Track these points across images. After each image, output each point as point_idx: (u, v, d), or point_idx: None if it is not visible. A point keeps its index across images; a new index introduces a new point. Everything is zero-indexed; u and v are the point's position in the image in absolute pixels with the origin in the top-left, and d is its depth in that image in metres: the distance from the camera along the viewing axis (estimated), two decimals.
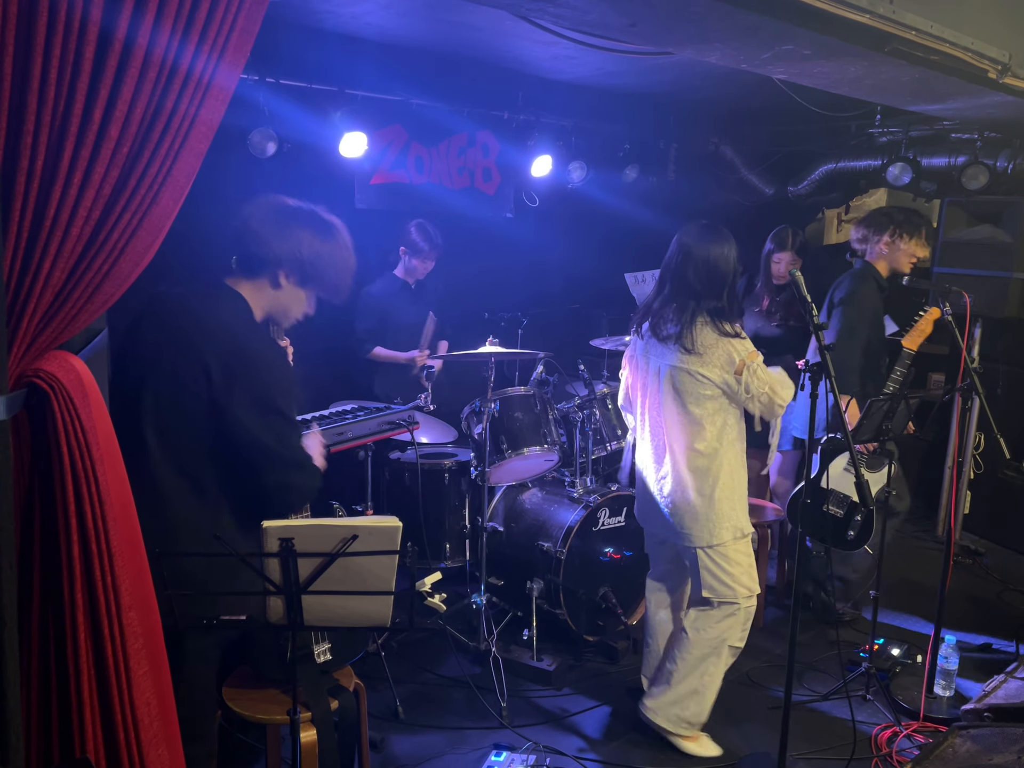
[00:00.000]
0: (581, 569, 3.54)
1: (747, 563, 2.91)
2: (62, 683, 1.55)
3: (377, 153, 4.24)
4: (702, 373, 2.74)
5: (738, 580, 2.88)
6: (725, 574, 2.86)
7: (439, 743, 3.02)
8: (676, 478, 2.86)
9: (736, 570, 2.87)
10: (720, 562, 2.86)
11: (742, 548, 2.89)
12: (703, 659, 2.92)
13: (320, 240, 2.06)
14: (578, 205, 5.30)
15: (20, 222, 1.37)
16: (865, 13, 2.57)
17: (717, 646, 2.92)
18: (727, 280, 2.77)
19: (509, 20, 3.33)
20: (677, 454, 2.85)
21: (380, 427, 3.16)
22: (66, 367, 1.53)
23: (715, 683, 2.97)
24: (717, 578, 2.86)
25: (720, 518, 2.82)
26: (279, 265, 2.04)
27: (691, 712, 2.95)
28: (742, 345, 2.75)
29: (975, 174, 4.53)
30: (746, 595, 2.90)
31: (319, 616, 1.97)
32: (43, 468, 1.53)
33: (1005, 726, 2.80)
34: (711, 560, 2.86)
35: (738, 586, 2.88)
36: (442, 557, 3.95)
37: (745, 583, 2.89)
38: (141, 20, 1.40)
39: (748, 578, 2.90)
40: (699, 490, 2.82)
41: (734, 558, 2.87)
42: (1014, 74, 3.17)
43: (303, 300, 2.15)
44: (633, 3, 2.43)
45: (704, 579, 2.88)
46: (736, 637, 2.95)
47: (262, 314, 2.13)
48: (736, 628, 2.93)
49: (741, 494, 2.89)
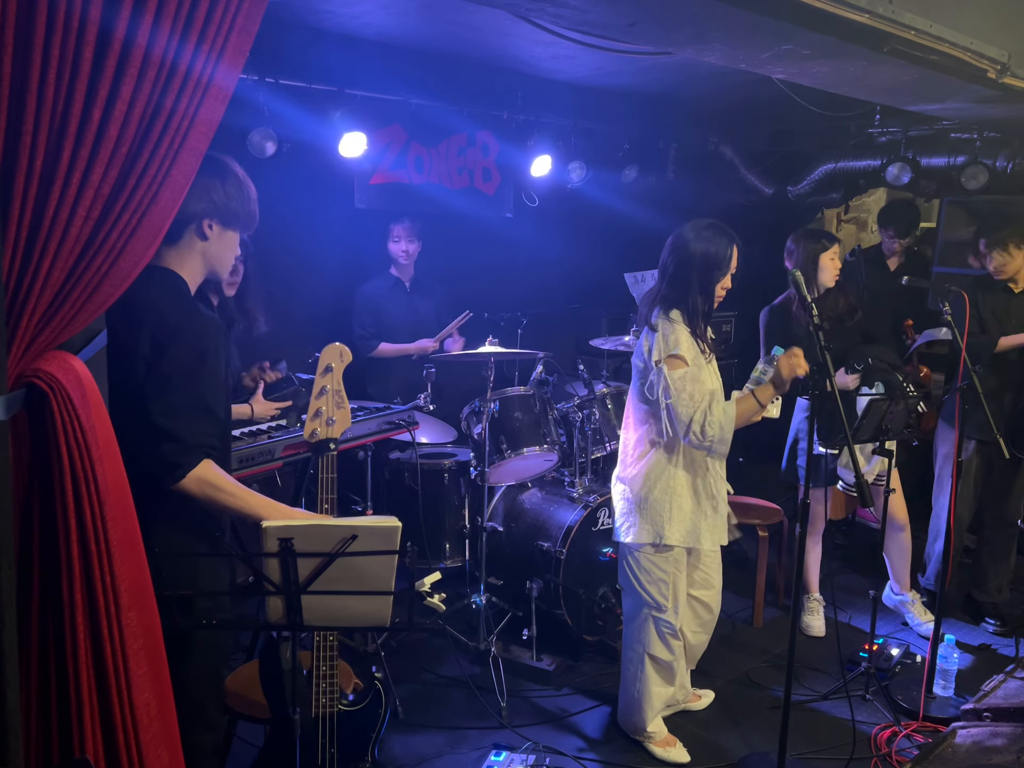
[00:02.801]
0: (581, 569, 3.53)
1: (657, 576, 2.84)
2: (61, 684, 1.55)
3: (377, 153, 4.24)
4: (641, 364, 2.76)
5: (645, 588, 2.87)
6: (634, 578, 2.88)
7: (439, 743, 3.02)
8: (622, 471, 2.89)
9: (644, 578, 2.86)
10: (632, 564, 2.88)
11: (658, 561, 2.83)
12: (632, 664, 2.96)
13: (222, 180, 2.07)
14: (577, 205, 5.30)
15: (19, 221, 1.37)
16: (864, 13, 2.57)
17: (641, 653, 2.93)
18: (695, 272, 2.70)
19: (509, 20, 3.33)
20: (627, 449, 2.89)
21: (380, 427, 3.16)
22: (65, 367, 1.53)
23: (648, 692, 2.94)
24: (629, 576, 2.90)
25: (643, 520, 2.80)
26: (200, 217, 2.03)
27: (635, 719, 2.98)
28: (664, 343, 2.66)
29: (974, 174, 4.54)
30: (651, 605, 2.88)
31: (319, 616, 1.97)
32: (42, 469, 1.53)
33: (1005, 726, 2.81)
34: (631, 557, 2.88)
35: (644, 594, 2.87)
36: (442, 557, 3.95)
37: (653, 594, 2.86)
38: (140, 20, 1.40)
39: (657, 592, 2.85)
40: (633, 487, 2.83)
41: (645, 566, 2.85)
42: (1013, 74, 3.17)
43: (231, 242, 2.15)
44: (632, 3, 2.43)
45: (622, 569, 2.94)
46: (656, 648, 2.91)
47: (200, 276, 2.10)
48: (653, 638, 2.90)
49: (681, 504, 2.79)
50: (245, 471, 2.65)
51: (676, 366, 2.65)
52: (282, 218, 4.13)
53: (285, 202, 4.12)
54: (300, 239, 4.27)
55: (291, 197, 4.16)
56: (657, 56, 3.87)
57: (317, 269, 4.42)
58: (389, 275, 4.37)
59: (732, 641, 3.81)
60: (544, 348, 3.90)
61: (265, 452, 2.71)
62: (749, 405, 2.69)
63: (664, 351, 2.66)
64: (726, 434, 2.62)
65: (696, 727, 3.14)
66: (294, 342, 4.26)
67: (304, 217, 4.25)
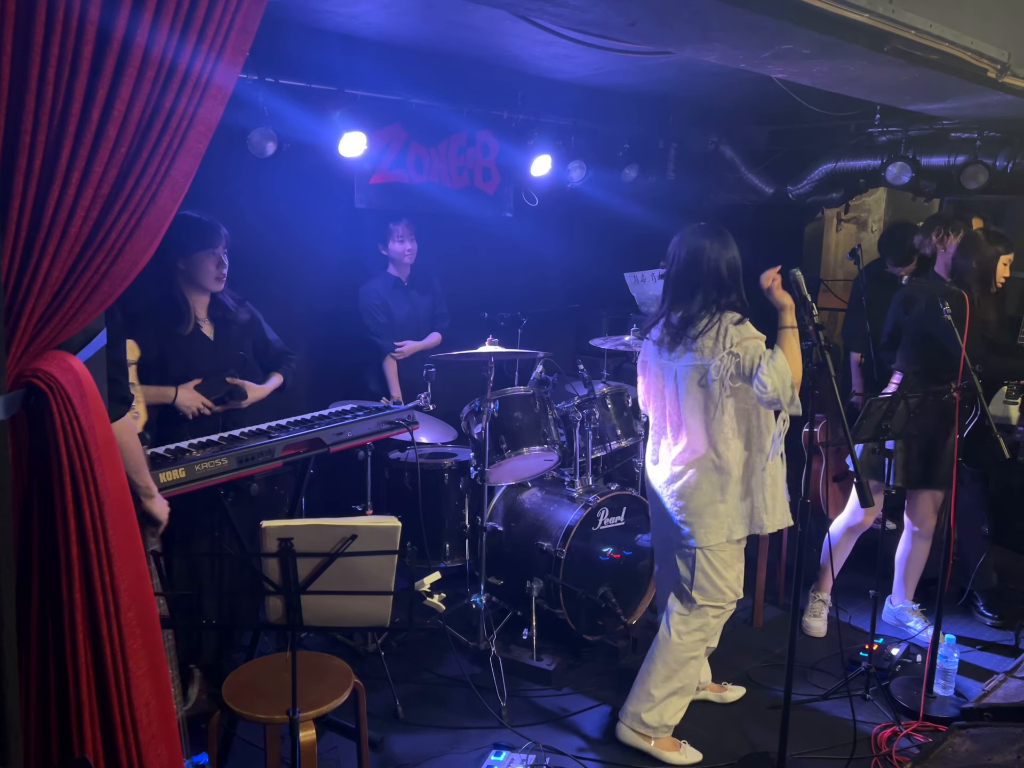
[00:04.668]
0: (581, 569, 3.53)
1: (739, 568, 2.94)
2: (61, 683, 1.55)
3: (376, 153, 4.24)
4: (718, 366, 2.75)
5: (730, 584, 2.91)
6: (719, 577, 2.88)
7: (439, 743, 3.02)
8: (689, 478, 2.85)
9: (730, 574, 2.90)
10: (716, 564, 2.87)
11: (737, 552, 2.92)
12: (684, 662, 2.95)
13: None
14: (578, 205, 5.30)
15: (18, 221, 1.37)
16: (864, 12, 2.57)
17: (699, 648, 2.96)
18: (737, 276, 2.80)
19: (508, 20, 3.32)
20: (696, 453, 2.84)
21: (380, 427, 3.16)
22: (64, 367, 1.53)
23: (693, 684, 3.02)
24: (711, 580, 2.88)
25: (721, 521, 2.83)
26: None
27: (669, 714, 2.96)
28: (746, 329, 2.72)
29: (974, 173, 4.53)
30: (732, 599, 2.94)
31: (318, 616, 1.97)
32: (41, 469, 1.53)
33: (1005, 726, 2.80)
34: (707, 562, 2.87)
35: (728, 590, 2.91)
36: (442, 557, 3.94)
37: (735, 588, 2.94)
38: (139, 19, 1.40)
39: (737, 583, 2.95)
40: (710, 491, 2.83)
41: (729, 561, 2.89)
42: (1013, 73, 3.17)
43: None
44: (632, 2, 2.43)
45: (698, 580, 2.89)
46: (715, 639, 3.02)
47: None
48: (718, 631, 3.00)
49: (749, 499, 2.87)
50: (245, 471, 2.65)
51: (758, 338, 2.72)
52: (282, 218, 4.14)
53: (285, 202, 4.13)
54: (300, 239, 4.27)
55: (291, 197, 4.16)
56: (657, 56, 3.87)
57: (317, 269, 4.42)
58: (388, 275, 4.36)
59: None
60: (544, 348, 3.90)
61: (265, 452, 2.71)
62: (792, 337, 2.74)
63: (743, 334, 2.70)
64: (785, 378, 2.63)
65: (696, 727, 3.14)
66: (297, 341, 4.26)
67: (304, 217, 4.25)
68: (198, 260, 2.90)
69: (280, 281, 4.18)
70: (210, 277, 2.94)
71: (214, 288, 2.99)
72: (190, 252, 2.88)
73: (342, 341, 4.41)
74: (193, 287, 2.96)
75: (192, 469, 2.49)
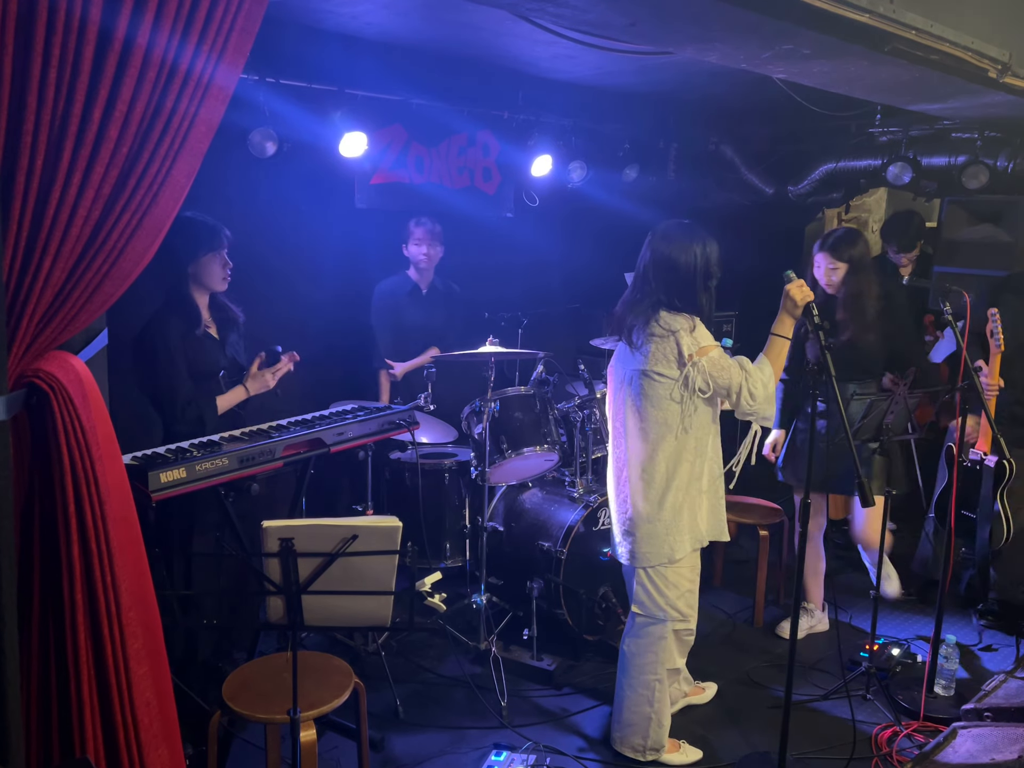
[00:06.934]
0: (581, 569, 3.53)
1: (686, 587, 2.80)
2: (62, 683, 1.55)
3: (377, 153, 4.24)
4: (659, 372, 2.63)
5: (672, 603, 2.79)
6: (659, 594, 2.77)
7: (439, 743, 3.02)
8: (626, 491, 2.77)
9: (671, 592, 2.78)
10: (657, 581, 2.77)
11: (684, 572, 2.78)
12: (648, 685, 2.85)
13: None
14: (578, 205, 5.29)
15: (20, 221, 1.37)
16: (865, 12, 2.57)
17: (658, 674, 2.84)
18: (688, 276, 2.64)
19: (509, 20, 3.32)
20: (632, 465, 2.74)
21: (380, 427, 3.16)
22: (66, 367, 1.53)
23: (663, 708, 2.88)
24: (650, 596, 2.78)
25: (659, 538, 2.70)
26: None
27: (652, 739, 2.89)
28: (691, 339, 2.62)
29: (975, 173, 4.53)
30: (677, 618, 2.81)
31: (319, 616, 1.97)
32: (43, 468, 1.53)
33: (1005, 726, 2.81)
34: (648, 578, 2.78)
35: (670, 608, 2.79)
36: (442, 557, 3.94)
37: (679, 607, 2.80)
38: (140, 20, 1.40)
39: (684, 603, 2.81)
40: (644, 506, 2.71)
41: (672, 580, 2.77)
42: (1014, 73, 3.17)
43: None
44: (633, 2, 2.43)
45: (637, 594, 2.81)
46: (671, 660, 2.88)
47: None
48: (671, 651, 2.87)
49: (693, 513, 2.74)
50: (245, 471, 2.65)
51: (707, 351, 2.62)
52: (282, 218, 4.14)
53: (285, 202, 4.13)
54: (300, 239, 4.27)
55: (291, 197, 4.16)
56: (657, 56, 3.87)
57: (317, 269, 4.42)
58: (407, 277, 4.27)
59: (733, 641, 3.81)
60: (545, 348, 3.89)
61: (265, 452, 2.71)
62: (776, 346, 2.70)
63: (693, 345, 2.61)
64: (770, 391, 2.63)
65: (696, 726, 3.14)
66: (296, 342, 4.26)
67: (304, 217, 4.25)
68: (206, 263, 2.92)
69: (280, 281, 4.18)
70: (217, 278, 2.96)
71: (220, 288, 3.01)
72: (199, 256, 2.90)
73: (343, 340, 4.41)
74: (199, 289, 2.98)
75: (193, 469, 2.50)
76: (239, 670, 2.43)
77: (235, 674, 2.40)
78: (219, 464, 2.57)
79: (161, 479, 2.39)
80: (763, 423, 2.80)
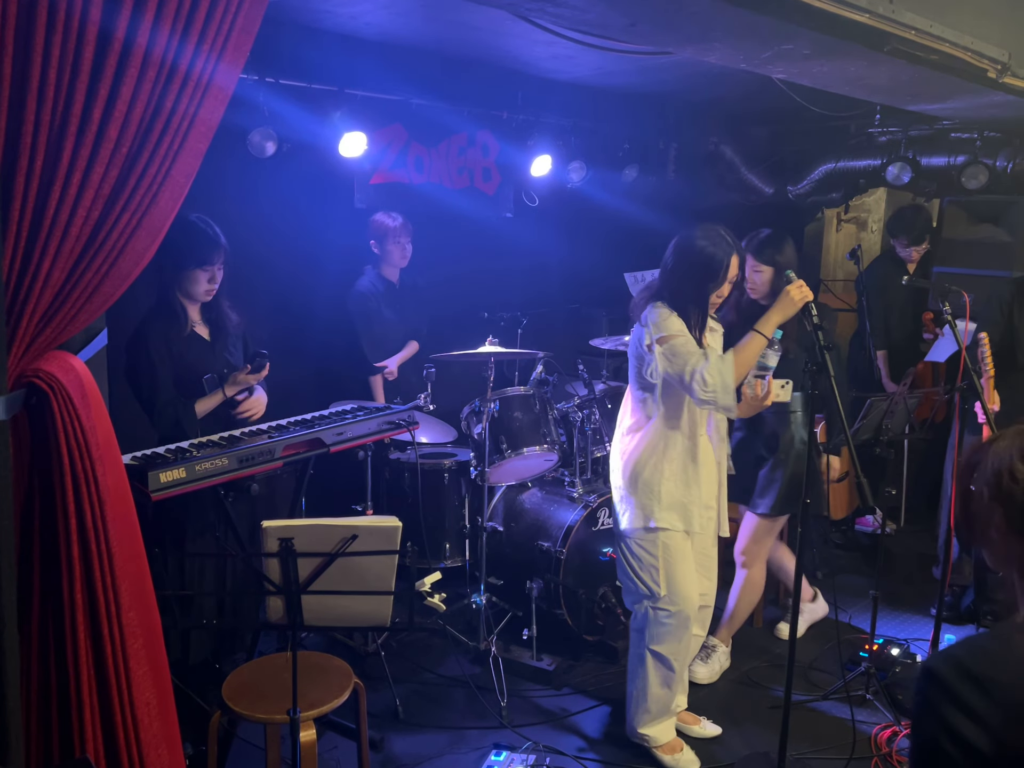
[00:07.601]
0: (581, 569, 3.53)
1: (648, 563, 2.81)
2: (62, 683, 1.55)
3: (377, 153, 4.24)
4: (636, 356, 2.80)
5: (639, 575, 2.83)
6: (628, 566, 2.87)
7: (439, 743, 3.02)
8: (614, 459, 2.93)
9: (635, 564, 2.84)
10: (626, 551, 2.88)
11: (647, 545, 2.81)
12: (632, 660, 2.94)
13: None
14: (578, 205, 5.29)
15: (19, 222, 1.37)
16: (865, 13, 2.57)
17: (642, 649, 2.87)
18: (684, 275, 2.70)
19: (509, 20, 3.32)
20: (620, 434, 2.92)
21: (380, 427, 3.15)
22: (66, 367, 1.53)
23: (647, 693, 2.87)
24: (626, 571, 2.88)
25: (635, 503, 2.81)
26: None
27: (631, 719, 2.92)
28: (656, 327, 2.69)
29: (975, 173, 4.54)
30: (646, 594, 2.82)
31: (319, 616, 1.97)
32: (43, 468, 1.53)
33: None
34: (628, 549, 2.87)
35: (639, 583, 2.84)
36: (442, 557, 3.94)
37: (645, 581, 2.81)
38: (140, 20, 1.40)
39: (648, 578, 2.81)
40: (617, 475, 2.88)
41: (636, 552, 2.84)
42: (1013, 73, 3.17)
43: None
44: (632, 2, 2.43)
45: (619, 569, 2.95)
46: (657, 642, 2.84)
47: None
48: (654, 631, 2.83)
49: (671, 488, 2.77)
50: (245, 471, 2.65)
51: (667, 339, 2.68)
52: (282, 218, 4.14)
53: (285, 202, 4.13)
54: (300, 239, 4.27)
55: (291, 197, 4.16)
56: (657, 56, 3.87)
57: (317, 269, 4.42)
58: (381, 277, 4.24)
59: (732, 640, 3.81)
60: (544, 348, 3.89)
61: (265, 452, 2.70)
62: (753, 343, 2.68)
63: (655, 333, 2.69)
64: (727, 380, 2.60)
65: None
66: (293, 342, 4.26)
67: (304, 217, 4.25)
68: (192, 275, 2.89)
69: (280, 281, 4.18)
70: (200, 291, 2.92)
71: (203, 300, 2.97)
72: (186, 268, 2.86)
73: (342, 339, 4.41)
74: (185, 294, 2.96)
75: (192, 469, 2.49)
76: (239, 670, 2.43)
77: (235, 674, 2.40)
78: (219, 464, 2.56)
79: (161, 479, 2.39)
80: (725, 413, 2.81)
